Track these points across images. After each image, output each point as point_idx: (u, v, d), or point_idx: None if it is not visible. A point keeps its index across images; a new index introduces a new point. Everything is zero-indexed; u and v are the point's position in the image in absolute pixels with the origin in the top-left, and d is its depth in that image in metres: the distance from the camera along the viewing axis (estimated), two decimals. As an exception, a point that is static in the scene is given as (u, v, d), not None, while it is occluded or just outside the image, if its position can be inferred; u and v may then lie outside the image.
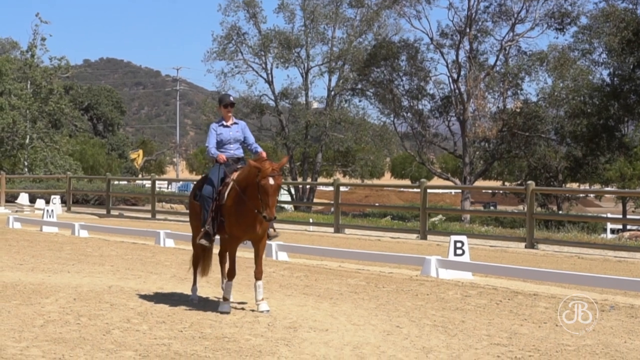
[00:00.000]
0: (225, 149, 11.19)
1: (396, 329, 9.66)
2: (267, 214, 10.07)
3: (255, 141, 11.64)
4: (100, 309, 10.61)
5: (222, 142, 11.24)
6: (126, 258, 17.24)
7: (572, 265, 17.59)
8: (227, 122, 11.32)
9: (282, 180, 10.69)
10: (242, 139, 11.40)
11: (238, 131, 11.37)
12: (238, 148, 11.40)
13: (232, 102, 11.62)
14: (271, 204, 10.07)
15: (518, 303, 11.76)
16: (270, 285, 12.91)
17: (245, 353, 8.28)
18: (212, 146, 11.16)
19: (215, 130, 11.27)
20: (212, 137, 11.18)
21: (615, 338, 9.31)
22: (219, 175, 11.01)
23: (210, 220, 10.82)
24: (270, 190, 10.04)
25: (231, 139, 11.21)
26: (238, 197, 10.46)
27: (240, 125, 11.50)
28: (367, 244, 21.97)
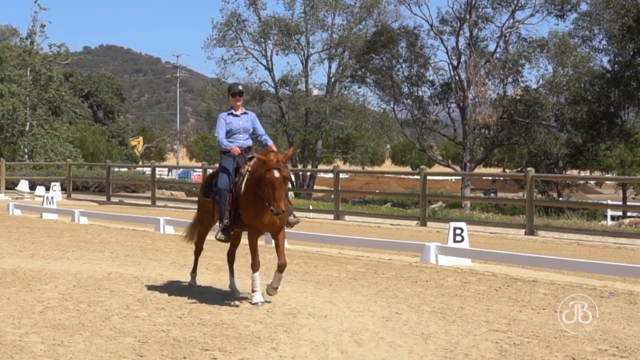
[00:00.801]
0: (234, 138, 10.89)
1: (395, 315, 9.67)
2: (275, 208, 9.74)
3: None
4: (99, 296, 10.62)
5: (231, 132, 10.96)
6: (126, 245, 17.24)
7: (571, 251, 17.58)
8: (236, 111, 11.03)
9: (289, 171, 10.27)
10: (251, 129, 11.11)
11: (248, 121, 11.07)
12: (247, 138, 11.11)
13: (240, 90, 11.24)
14: (278, 198, 9.75)
15: (517, 289, 11.77)
16: (270, 272, 12.90)
17: (244, 339, 8.29)
18: (222, 137, 10.90)
19: (225, 119, 11.00)
20: (222, 127, 10.93)
21: (614, 324, 9.32)
22: (233, 166, 10.71)
23: (227, 214, 10.50)
24: (276, 184, 9.74)
25: (240, 128, 10.92)
26: (253, 189, 10.16)
27: (250, 116, 11.22)
28: (366, 231, 21.98)
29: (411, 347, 8.08)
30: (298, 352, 7.83)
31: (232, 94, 11.13)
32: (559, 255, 15.88)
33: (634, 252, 18.04)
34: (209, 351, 7.78)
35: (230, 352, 7.76)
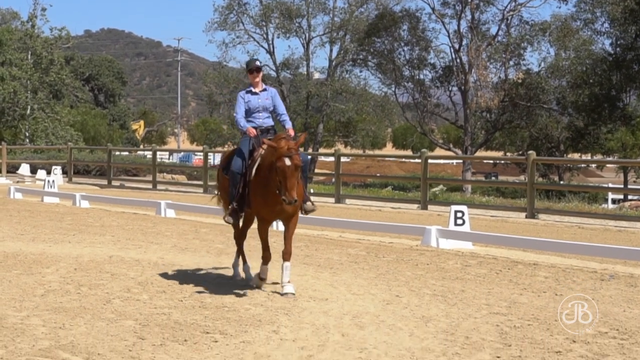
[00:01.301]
0: (254, 118, 10.37)
1: (396, 299, 9.68)
2: (287, 197, 9.21)
3: None
4: (100, 279, 10.63)
5: (250, 111, 10.40)
6: (127, 228, 17.26)
7: (572, 235, 17.59)
8: (255, 88, 10.45)
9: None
10: (271, 107, 10.52)
11: (267, 99, 10.48)
12: (267, 117, 10.54)
13: (258, 66, 10.59)
14: (289, 186, 9.18)
15: (518, 272, 11.78)
16: (272, 255, 12.93)
17: (245, 322, 8.30)
18: (240, 117, 10.36)
19: (243, 98, 10.44)
20: (240, 106, 10.37)
21: (614, 307, 9.33)
22: (248, 148, 10.21)
23: (238, 198, 10.08)
24: (287, 172, 9.19)
25: (260, 107, 10.36)
26: (264, 175, 9.66)
27: (270, 92, 10.62)
28: (367, 214, 21.99)
29: (412, 329, 8.09)
30: (299, 335, 7.83)
31: (250, 70, 10.57)
32: (560, 238, 15.89)
33: (634, 235, 18.05)
34: (210, 334, 7.79)
35: (231, 335, 7.77)
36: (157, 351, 7.12)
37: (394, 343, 7.53)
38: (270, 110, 10.54)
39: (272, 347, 7.40)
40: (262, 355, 7.09)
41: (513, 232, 17.04)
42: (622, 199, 41.31)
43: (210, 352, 7.17)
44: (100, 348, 7.15)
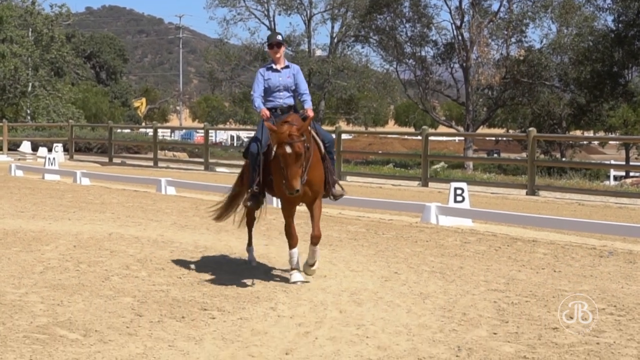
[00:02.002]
0: (274, 97, 9.58)
1: (394, 275, 9.68)
2: (287, 188, 8.66)
3: None
4: (99, 256, 10.64)
5: (269, 90, 9.60)
6: (127, 205, 17.25)
7: (572, 211, 17.56)
8: (276, 65, 9.65)
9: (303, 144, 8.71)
10: (293, 86, 9.69)
11: (289, 76, 9.66)
12: (289, 96, 9.72)
13: (279, 41, 9.74)
14: (290, 175, 8.57)
15: (517, 249, 11.78)
16: (270, 232, 12.96)
17: (243, 299, 8.31)
18: (256, 96, 9.58)
19: (263, 75, 9.66)
20: (258, 84, 9.59)
21: (612, 283, 9.33)
22: (265, 130, 9.27)
23: (258, 180, 9.37)
24: (287, 160, 8.58)
25: (280, 85, 9.55)
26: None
27: (293, 70, 9.80)
28: (368, 192, 21.97)
29: (409, 306, 8.10)
30: (296, 312, 7.85)
31: (270, 45, 9.78)
32: (560, 215, 15.86)
33: (635, 211, 18.03)
34: (208, 311, 7.80)
35: (229, 312, 7.78)
36: (155, 328, 7.14)
37: (391, 320, 7.54)
38: (292, 89, 9.73)
39: (269, 323, 7.41)
40: (259, 331, 7.10)
41: (513, 209, 17.04)
42: (624, 176, 41.31)
43: (207, 328, 7.18)
44: (98, 325, 7.17)
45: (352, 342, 6.80)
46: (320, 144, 9.41)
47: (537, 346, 6.72)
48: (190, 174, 28.04)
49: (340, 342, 6.77)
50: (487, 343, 6.80)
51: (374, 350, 6.56)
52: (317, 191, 9.36)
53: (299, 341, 6.84)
